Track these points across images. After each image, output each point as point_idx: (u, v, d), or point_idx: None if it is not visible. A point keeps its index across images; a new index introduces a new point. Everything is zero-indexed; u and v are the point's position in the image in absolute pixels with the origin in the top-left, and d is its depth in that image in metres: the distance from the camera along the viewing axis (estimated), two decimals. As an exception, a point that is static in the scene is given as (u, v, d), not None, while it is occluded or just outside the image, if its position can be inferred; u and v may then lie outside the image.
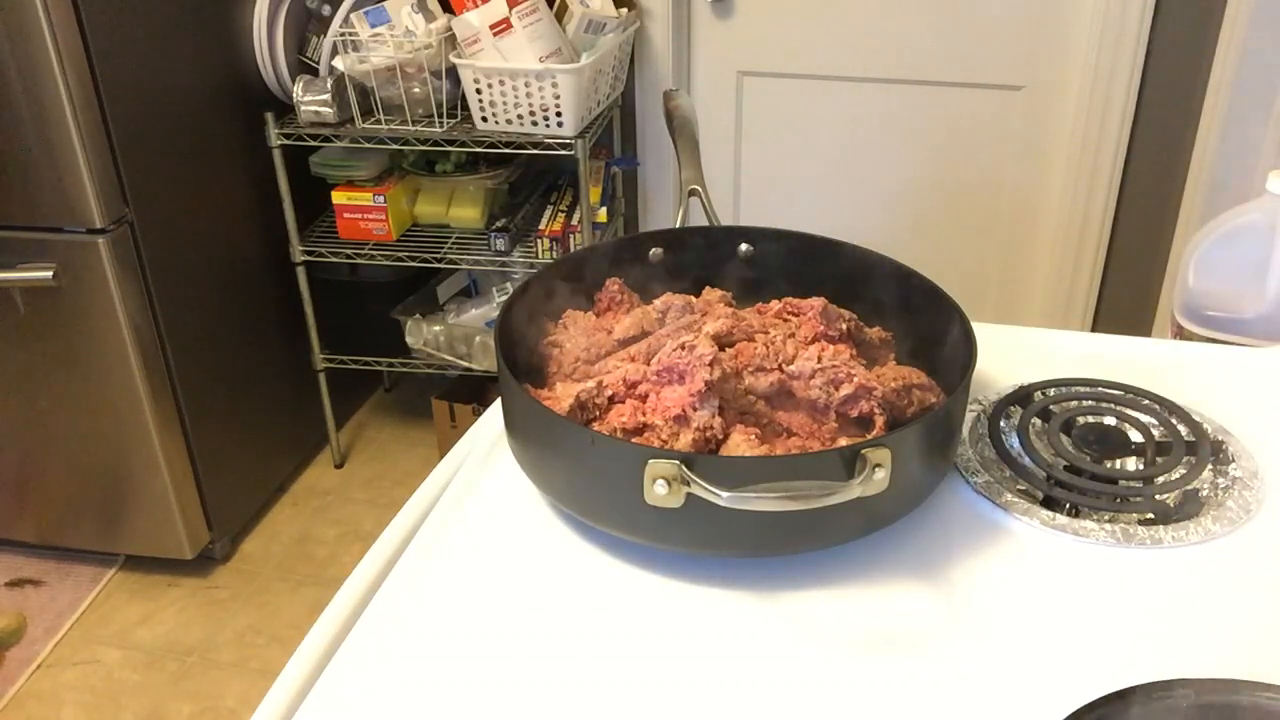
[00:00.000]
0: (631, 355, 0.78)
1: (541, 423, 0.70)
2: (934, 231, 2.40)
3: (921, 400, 0.74)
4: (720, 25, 2.32)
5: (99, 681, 1.92)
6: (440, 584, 0.68)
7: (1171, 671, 0.57)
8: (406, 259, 2.19)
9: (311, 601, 2.09)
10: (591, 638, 0.64)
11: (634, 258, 0.90)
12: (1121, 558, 0.70)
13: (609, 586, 0.68)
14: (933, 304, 0.81)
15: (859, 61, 2.27)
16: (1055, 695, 0.57)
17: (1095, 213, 2.25)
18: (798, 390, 0.74)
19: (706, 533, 0.66)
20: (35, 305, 1.86)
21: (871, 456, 0.63)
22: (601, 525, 0.70)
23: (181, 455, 2.03)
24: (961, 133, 2.30)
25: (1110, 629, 0.64)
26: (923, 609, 0.66)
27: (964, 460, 0.78)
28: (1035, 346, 0.95)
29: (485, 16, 1.92)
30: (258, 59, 2.10)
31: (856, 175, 2.39)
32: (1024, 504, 0.74)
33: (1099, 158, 2.20)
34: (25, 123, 1.70)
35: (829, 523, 0.66)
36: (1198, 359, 0.93)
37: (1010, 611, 0.65)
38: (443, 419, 2.43)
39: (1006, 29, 2.18)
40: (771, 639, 0.64)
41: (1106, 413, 0.82)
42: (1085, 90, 2.16)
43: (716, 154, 2.44)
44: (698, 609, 0.66)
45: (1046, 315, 2.40)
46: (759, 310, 0.86)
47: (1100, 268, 2.32)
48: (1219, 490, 0.75)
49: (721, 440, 0.71)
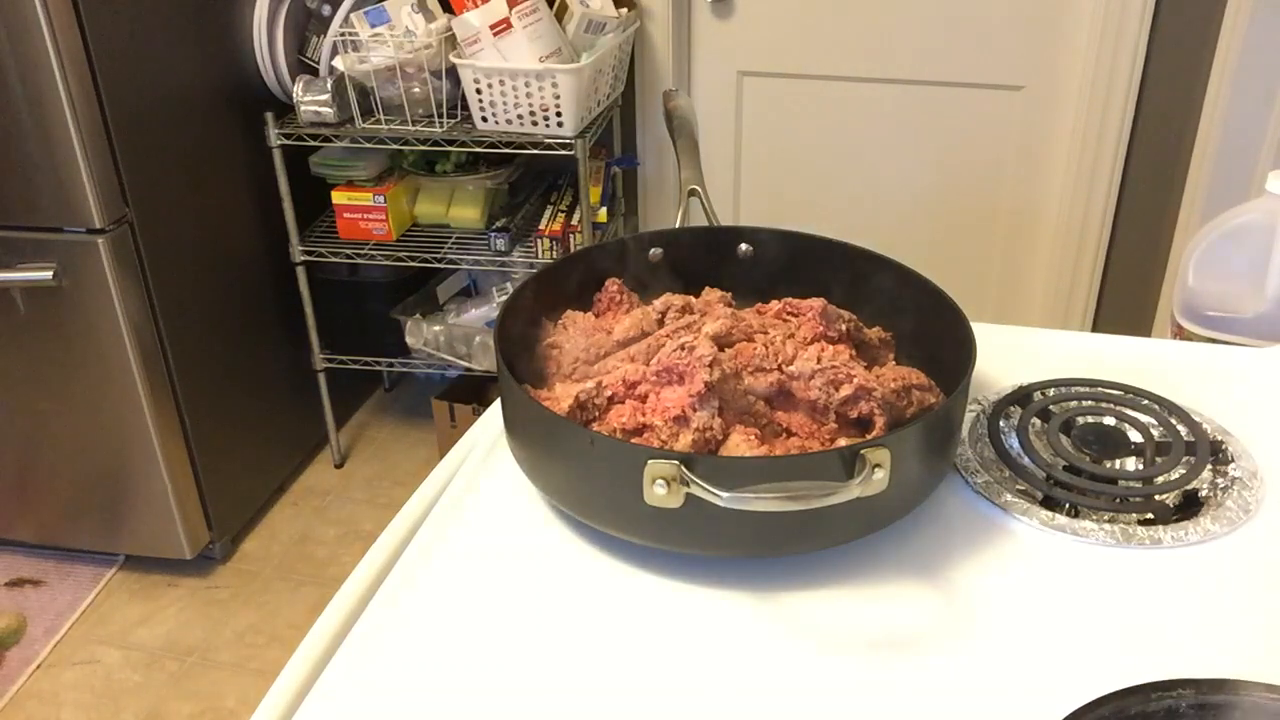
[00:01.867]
0: (631, 356, 0.78)
1: (541, 423, 0.70)
2: (934, 231, 2.40)
3: (921, 401, 0.74)
4: (720, 25, 2.32)
5: (99, 682, 1.92)
6: (440, 584, 0.68)
7: (1171, 671, 0.57)
8: (406, 259, 2.19)
9: (311, 601, 2.09)
10: (591, 638, 0.64)
11: (634, 258, 0.90)
12: (1121, 558, 0.70)
13: (608, 587, 0.68)
14: (933, 304, 0.81)
15: (859, 61, 2.27)
16: (1055, 695, 0.57)
17: (1095, 213, 2.25)
18: (797, 391, 0.74)
19: (706, 533, 0.66)
20: (35, 305, 1.86)
21: (871, 457, 0.62)
22: (601, 525, 0.70)
23: (181, 455, 2.03)
24: (961, 133, 2.30)
25: (1110, 629, 0.64)
26: (922, 609, 0.66)
27: (963, 460, 0.78)
28: (1035, 346, 0.95)
29: (485, 16, 1.92)
30: (258, 59, 2.10)
31: (856, 175, 2.39)
32: (1023, 504, 0.74)
33: (1099, 158, 2.20)
34: (25, 123, 1.70)
35: (828, 523, 0.66)
36: (1198, 359, 0.93)
37: (1010, 611, 0.65)
38: (443, 419, 2.43)
39: (1006, 29, 2.18)
40: (771, 639, 0.64)
41: (1106, 413, 0.82)
42: (1085, 90, 2.16)
43: (716, 154, 2.44)
44: (697, 609, 0.66)
45: (1046, 315, 2.40)
46: (759, 310, 0.86)
47: (1100, 268, 2.32)
48: (1218, 490, 0.75)
49: (721, 441, 0.71)
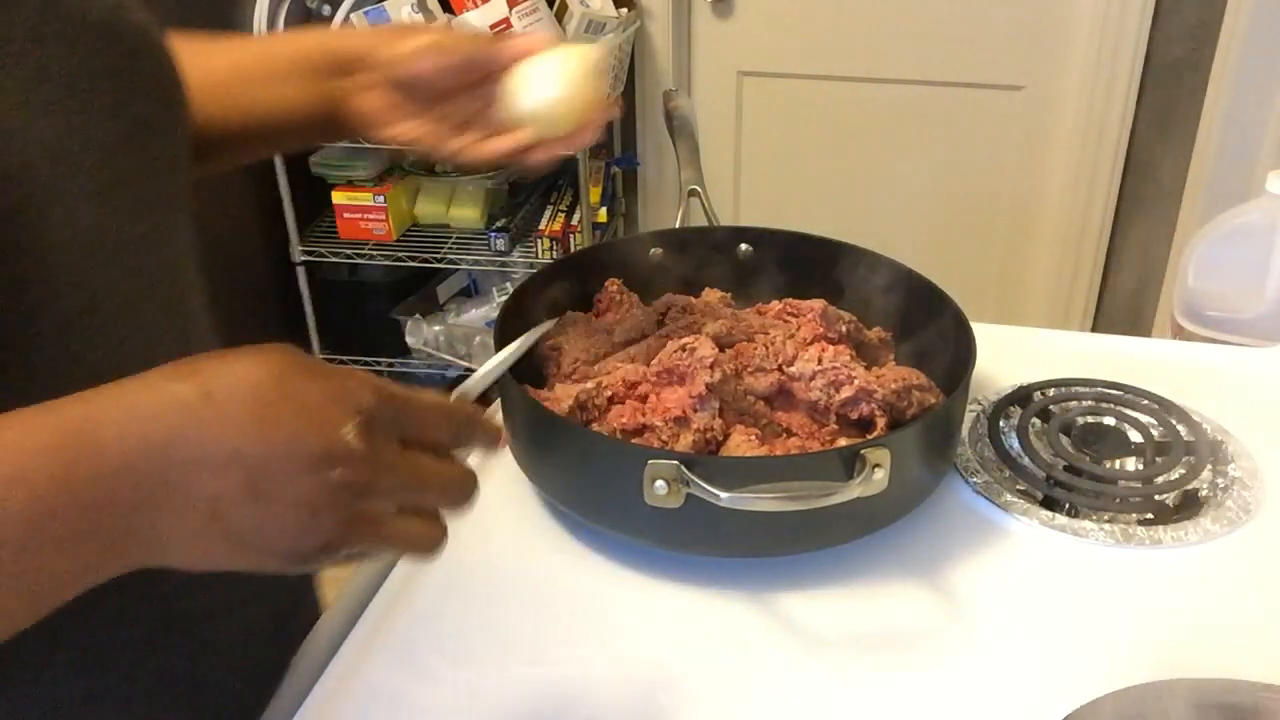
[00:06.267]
0: (631, 356, 0.78)
1: (541, 423, 0.70)
2: (934, 231, 2.40)
3: (921, 401, 0.74)
4: (720, 25, 2.32)
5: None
6: (440, 584, 0.68)
7: (1171, 671, 0.57)
8: (406, 259, 2.19)
9: (312, 601, 2.09)
10: (590, 638, 0.64)
11: (634, 258, 0.90)
12: (1121, 558, 0.70)
13: (608, 587, 0.68)
14: (933, 304, 0.81)
15: (859, 61, 2.27)
16: (1055, 695, 0.57)
17: (1095, 213, 2.25)
18: (798, 391, 0.74)
19: (706, 533, 0.66)
20: (35, 305, 1.86)
21: (871, 457, 0.63)
22: (601, 525, 0.70)
23: (182, 455, 2.03)
24: (961, 133, 2.30)
25: (1110, 629, 0.64)
26: (922, 609, 0.66)
27: (963, 460, 0.78)
28: (1035, 346, 0.95)
29: (485, 16, 1.92)
30: (258, 59, 2.10)
31: (856, 175, 2.39)
32: (1023, 504, 0.74)
33: (1099, 158, 2.20)
34: (25, 123, 1.70)
35: (828, 523, 0.66)
36: (1197, 359, 0.93)
37: (1010, 611, 0.65)
38: (443, 419, 2.43)
39: (1006, 29, 2.17)
40: (771, 639, 0.64)
41: (1106, 413, 0.82)
42: (1085, 90, 2.16)
43: (716, 154, 2.44)
44: (697, 609, 0.66)
45: (1046, 315, 2.40)
46: (759, 311, 0.86)
47: (1100, 268, 2.32)
48: (1218, 490, 0.75)
49: (721, 441, 0.71)
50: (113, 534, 0.39)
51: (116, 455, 0.39)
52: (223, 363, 0.42)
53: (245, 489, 0.40)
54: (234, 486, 0.40)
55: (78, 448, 0.39)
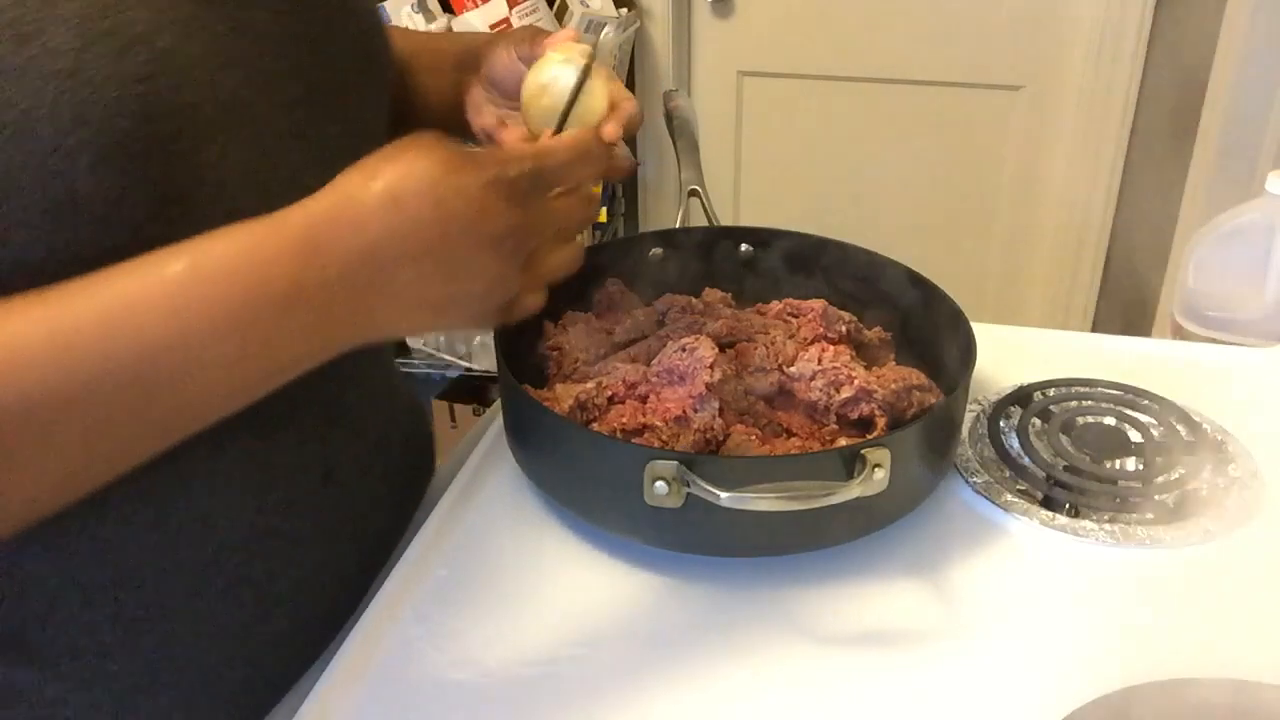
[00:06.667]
0: (632, 356, 0.78)
1: (541, 423, 0.70)
2: (934, 231, 2.40)
3: (921, 401, 0.74)
4: (720, 25, 2.32)
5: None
6: (440, 584, 0.68)
7: (1171, 671, 0.57)
8: (406, 259, 2.19)
9: (312, 601, 2.09)
10: (590, 638, 0.64)
11: (634, 258, 0.90)
12: (1121, 558, 0.70)
13: (608, 586, 0.68)
14: (933, 304, 0.81)
15: (859, 61, 2.27)
16: (1055, 695, 0.57)
17: (1095, 213, 2.25)
18: (798, 391, 0.74)
19: (706, 533, 0.66)
20: (35, 305, 1.86)
21: (871, 456, 0.62)
22: (601, 525, 0.70)
23: (182, 455, 2.03)
24: (961, 133, 2.29)
25: (1110, 629, 0.64)
26: (922, 609, 0.66)
27: (963, 460, 0.78)
28: (1035, 346, 0.95)
29: (485, 16, 1.92)
30: (258, 59, 2.10)
31: (856, 175, 2.39)
32: (1023, 504, 0.74)
33: (1099, 158, 2.20)
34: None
35: (828, 523, 0.66)
36: (1197, 359, 0.93)
37: (1010, 611, 0.65)
38: (443, 419, 2.43)
39: (1006, 29, 2.17)
40: (771, 639, 0.64)
41: (1106, 413, 0.82)
42: (1085, 90, 2.16)
43: (716, 154, 2.44)
44: (697, 609, 0.66)
45: (1046, 315, 2.40)
46: (759, 311, 0.86)
47: (1100, 268, 2.32)
48: (1218, 490, 0.75)
49: (722, 441, 0.71)
50: (339, 322, 0.51)
51: (336, 264, 0.49)
52: (397, 165, 0.51)
53: (440, 274, 0.51)
54: (431, 273, 0.51)
55: (304, 257, 0.49)
